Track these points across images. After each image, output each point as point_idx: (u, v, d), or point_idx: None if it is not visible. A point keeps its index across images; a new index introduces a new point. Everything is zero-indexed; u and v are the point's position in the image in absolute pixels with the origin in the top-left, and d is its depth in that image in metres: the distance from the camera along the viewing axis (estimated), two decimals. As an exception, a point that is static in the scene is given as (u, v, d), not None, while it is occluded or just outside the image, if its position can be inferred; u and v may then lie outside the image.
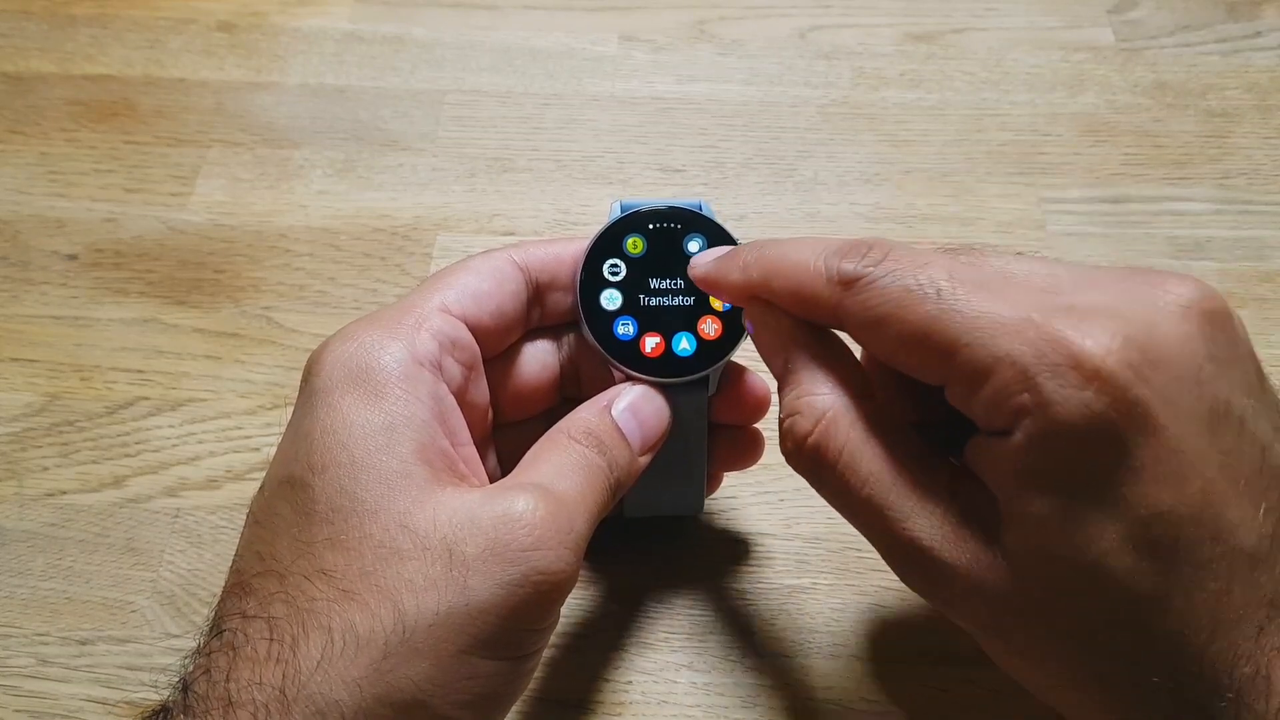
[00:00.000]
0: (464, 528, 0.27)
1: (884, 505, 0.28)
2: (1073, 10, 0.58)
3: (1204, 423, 0.25)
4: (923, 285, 0.27)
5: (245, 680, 0.25)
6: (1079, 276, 0.28)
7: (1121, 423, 0.24)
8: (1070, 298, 0.26)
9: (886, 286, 0.27)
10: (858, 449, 0.28)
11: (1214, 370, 0.25)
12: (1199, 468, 0.24)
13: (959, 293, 0.26)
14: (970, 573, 0.27)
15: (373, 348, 0.30)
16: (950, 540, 0.27)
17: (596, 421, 0.31)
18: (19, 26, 0.57)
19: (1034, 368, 0.25)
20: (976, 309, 0.26)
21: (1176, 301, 0.26)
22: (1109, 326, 0.25)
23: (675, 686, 0.37)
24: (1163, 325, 0.25)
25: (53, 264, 0.48)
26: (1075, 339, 0.24)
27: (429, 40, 0.57)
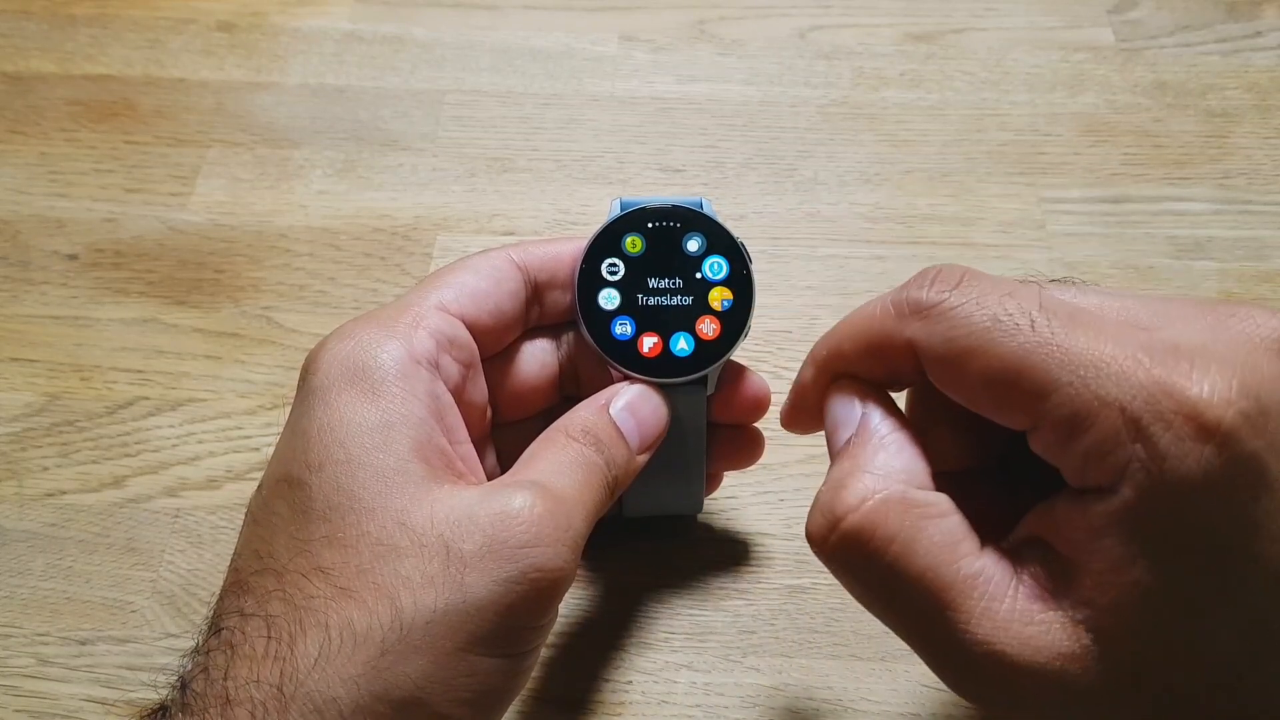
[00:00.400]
0: (461, 525, 0.27)
1: (943, 606, 0.24)
2: (1073, 10, 0.58)
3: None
4: (1012, 315, 0.24)
5: (243, 678, 0.25)
6: (1160, 310, 0.25)
7: (1240, 480, 0.22)
8: (1165, 334, 0.24)
9: (969, 315, 0.25)
10: (914, 538, 0.25)
11: None
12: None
13: (1054, 325, 0.24)
14: (1049, 669, 0.23)
15: (370, 346, 0.30)
16: (1024, 637, 0.23)
17: (594, 420, 0.31)
18: (19, 26, 0.57)
19: (1146, 417, 0.22)
20: (1077, 345, 0.23)
21: (1273, 338, 0.24)
22: (1221, 371, 0.22)
23: (675, 686, 0.37)
24: (1266, 367, 0.23)
25: (53, 264, 0.48)
26: (1190, 386, 0.22)
27: (429, 40, 0.57)
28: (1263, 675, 0.23)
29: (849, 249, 0.49)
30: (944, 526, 0.25)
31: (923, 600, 0.24)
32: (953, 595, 0.24)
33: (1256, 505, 0.22)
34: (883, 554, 0.25)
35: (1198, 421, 0.22)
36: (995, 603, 0.24)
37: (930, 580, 0.24)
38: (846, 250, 0.49)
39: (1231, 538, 0.22)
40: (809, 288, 0.48)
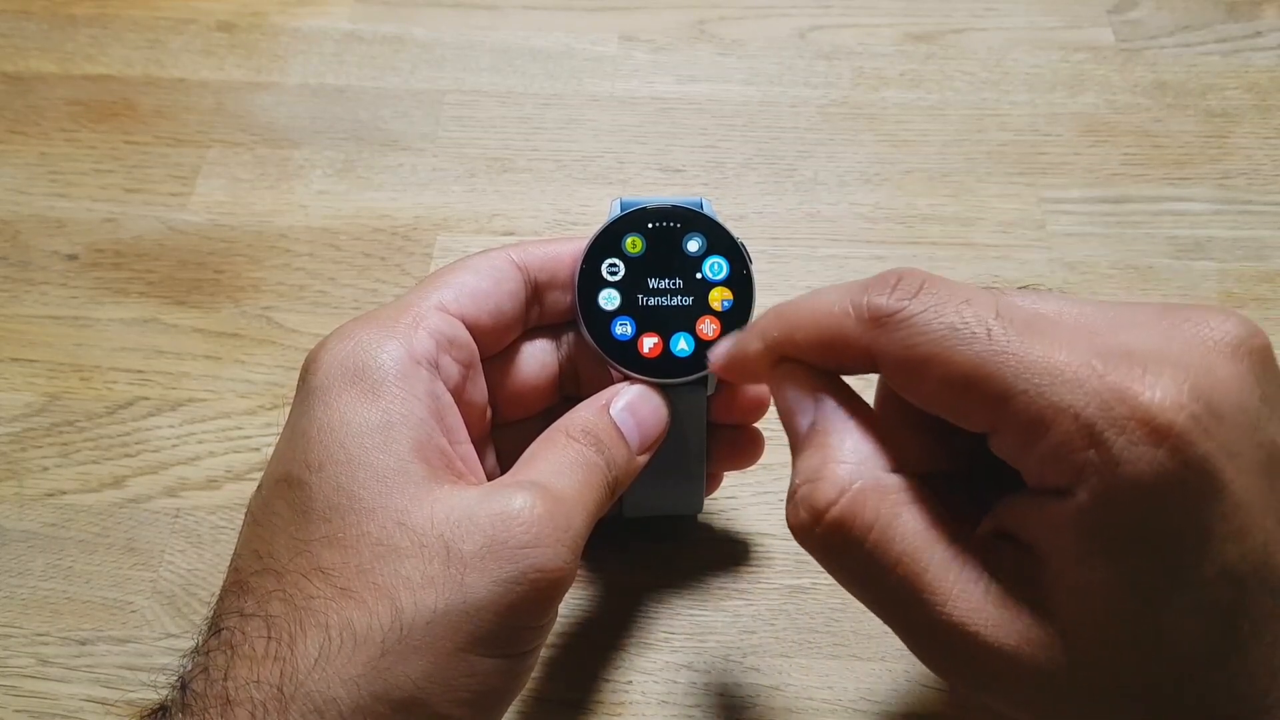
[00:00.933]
0: (461, 525, 0.27)
1: (920, 589, 0.25)
2: (1073, 10, 0.58)
3: (1263, 471, 0.23)
4: (969, 323, 0.25)
5: (243, 679, 0.25)
6: (1117, 317, 0.26)
7: (1192, 482, 0.23)
8: (1120, 339, 0.25)
9: (928, 323, 0.25)
10: (889, 525, 0.25)
11: (1267, 413, 0.24)
12: (1260, 520, 0.23)
13: (1010, 333, 0.24)
14: (1020, 652, 0.24)
15: (370, 346, 0.30)
16: (996, 621, 0.24)
17: (594, 420, 0.31)
18: (19, 26, 0.57)
19: (1100, 422, 0.23)
20: (1032, 352, 0.24)
21: (1225, 340, 0.24)
22: (1174, 376, 0.23)
23: (675, 686, 0.37)
24: (1220, 371, 0.24)
25: (53, 264, 0.48)
26: (1143, 391, 0.23)
27: (429, 40, 0.57)
28: (1225, 670, 0.24)
29: (849, 249, 0.49)
30: (919, 511, 0.26)
31: (902, 583, 0.25)
32: (929, 578, 0.25)
33: (1210, 506, 0.23)
34: (863, 541, 0.26)
35: (1150, 425, 0.22)
36: (970, 586, 0.25)
37: (908, 564, 0.25)
38: (846, 250, 0.49)
39: (1185, 537, 0.23)
40: (809, 288, 0.47)
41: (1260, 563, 0.23)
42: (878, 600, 0.27)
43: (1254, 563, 0.23)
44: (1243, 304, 0.47)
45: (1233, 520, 0.23)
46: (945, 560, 0.25)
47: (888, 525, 0.26)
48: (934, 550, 0.25)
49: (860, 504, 0.26)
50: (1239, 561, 0.23)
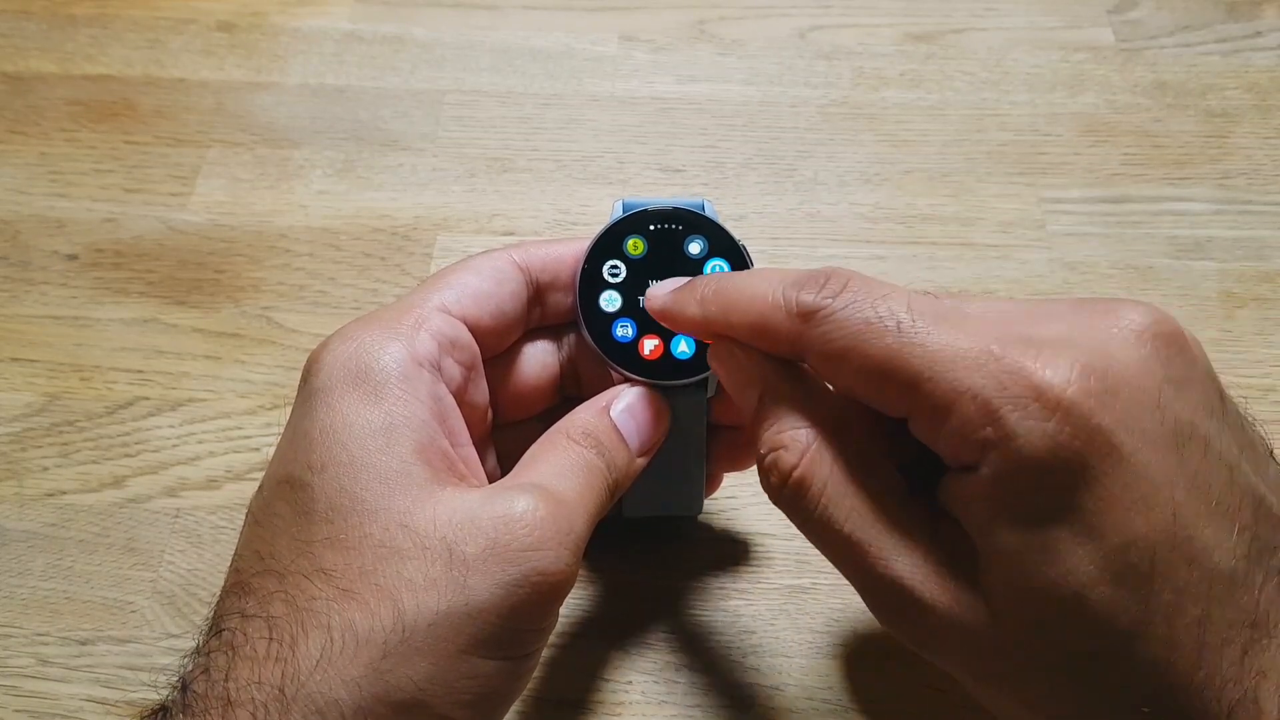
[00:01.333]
0: (464, 527, 0.27)
1: (865, 543, 0.27)
2: (1073, 10, 0.58)
3: (1169, 446, 0.25)
4: (883, 318, 0.27)
5: (244, 679, 0.25)
6: (1033, 310, 0.27)
7: (1086, 451, 0.24)
8: (1026, 329, 0.26)
9: (847, 319, 0.27)
10: (839, 485, 0.28)
11: (1173, 393, 0.25)
12: (1167, 491, 0.24)
13: (919, 325, 0.26)
14: (951, 612, 0.26)
15: (372, 347, 0.30)
16: (931, 580, 0.26)
17: (595, 422, 0.31)
18: (19, 26, 0.57)
19: (996, 400, 0.24)
20: (937, 342, 0.26)
21: (1130, 327, 0.26)
22: (1067, 356, 0.25)
23: (675, 686, 0.37)
24: (1118, 352, 0.25)
25: (53, 264, 0.48)
26: (1035, 370, 0.24)
27: (429, 40, 0.57)
28: (1147, 643, 0.24)
29: (849, 249, 0.49)
30: (871, 474, 0.28)
31: (849, 540, 0.27)
32: (874, 533, 0.27)
33: (1110, 476, 0.24)
34: (818, 499, 0.28)
35: (1041, 400, 0.24)
36: (910, 543, 0.27)
37: (855, 520, 0.27)
38: (846, 250, 0.49)
39: (1087, 506, 0.24)
40: (809, 288, 0.47)
41: (1170, 533, 0.24)
42: (832, 552, 0.28)
43: (1164, 532, 0.24)
44: (1243, 304, 0.47)
45: (1135, 489, 0.24)
46: (890, 522, 0.27)
47: (839, 485, 0.28)
48: (881, 511, 0.27)
49: (814, 466, 0.28)
50: (1148, 531, 0.24)
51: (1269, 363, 0.45)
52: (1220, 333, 0.46)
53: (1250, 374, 0.45)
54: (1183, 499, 0.24)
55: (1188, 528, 0.24)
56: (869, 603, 0.28)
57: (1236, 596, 0.24)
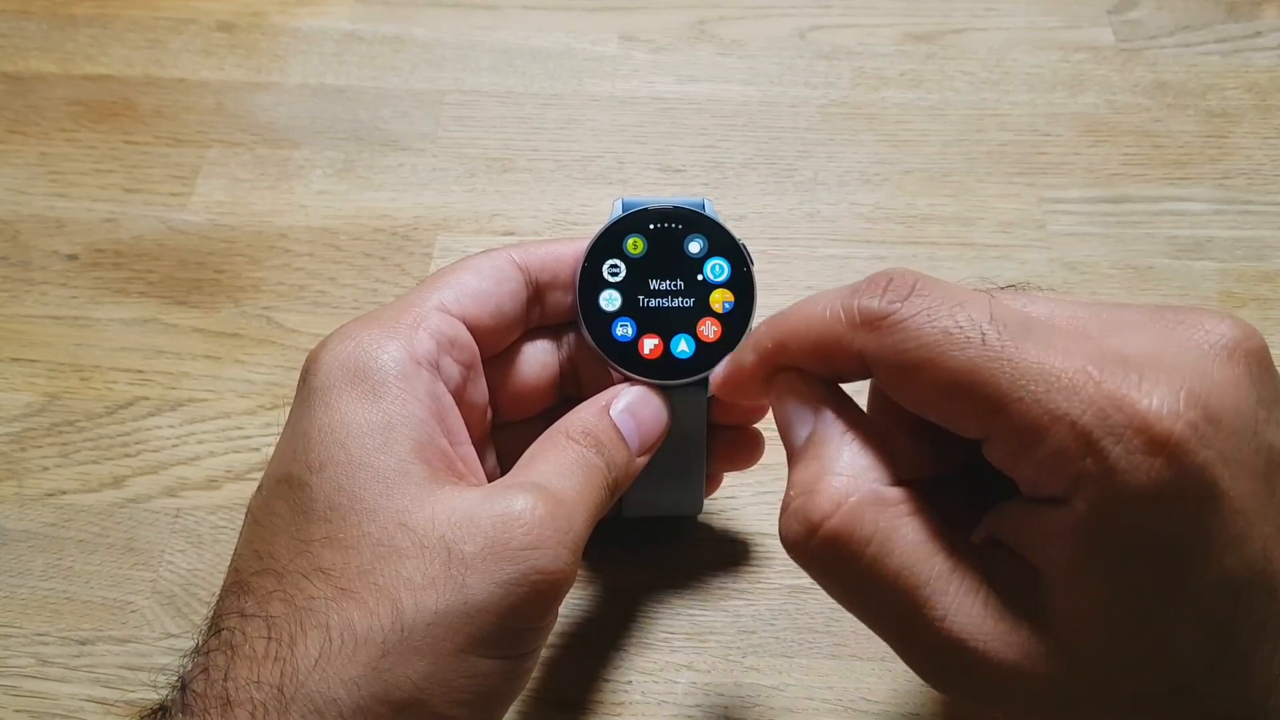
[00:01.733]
0: (462, 526, 0.27)
1: (918, 604, 0.24)
2: (1073, 10, 0.58)
3: (1262, 476, 0.23)
4: (964, 328, 0.24)
5: (243, 679, 0.25)
6: (1109, 318, 0.26)
7: (1190, 491, 0.22)
8: (1117, 344, 0.24)
9: (920, 327, 0.25)
10: (888, 539, 0.25)
11: (1265, 416, 0.24)
12: (1259, 526, 0.23)
13: (1005, 338, 0.24)
14: (1019, 664, 0.24)
15: (371, 347, 0.30)
16: (995, 634, 0.24)
17: (595, 422, 0.31)
18: (19, 26, 0.57)
19: (1097, 431, 0.22)
20: (1027, 358, 0.23)
21: (1221, 343, 0.24)
22: (1171, 382, 0.23)
23: (675, 686, 0.37)
24: (1217, 374, 0.23)
25: (53, 264, 0.48)
26: (1139, 399, 0.22)
27: (429, 40, 0.57)
28: (1226, 677, 0.23)
29: (849, 249, 0.49)
30: (916, 524, 0.25)
31: (899, 598, 0.25)
32: (928, 593, 0.24)
33: (1209, 515, 0.22)
34: (860, 556, 0.25)
35: (1147, 435, 0.22)
36: (968, 599, 0.24)
37: (906, 579, 0.25)
38: (846, 250, 0.49)
39: (1184, 548, 0.23)
40: (809, 288, 0.48)
41: (1260, 569, 0.23)
42: (874, 614, 0.26)
43: (1253, 570, 0.23)
44: (1243, 304, 0.47)
45: (1231, 528, 0.23)
46: (944, 573, 0.25)
47: (886, 539, 0.25)
48: (932, 564, 0.25)
49: (857, 518, 0.25)
50: (1238, 569, 0.23)
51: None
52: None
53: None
54: (1271, 532, 0.23)
55: (1274, 562, 0.23)
56: (920, 667, 0.26)
57: None
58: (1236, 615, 0.23)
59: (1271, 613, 0.23)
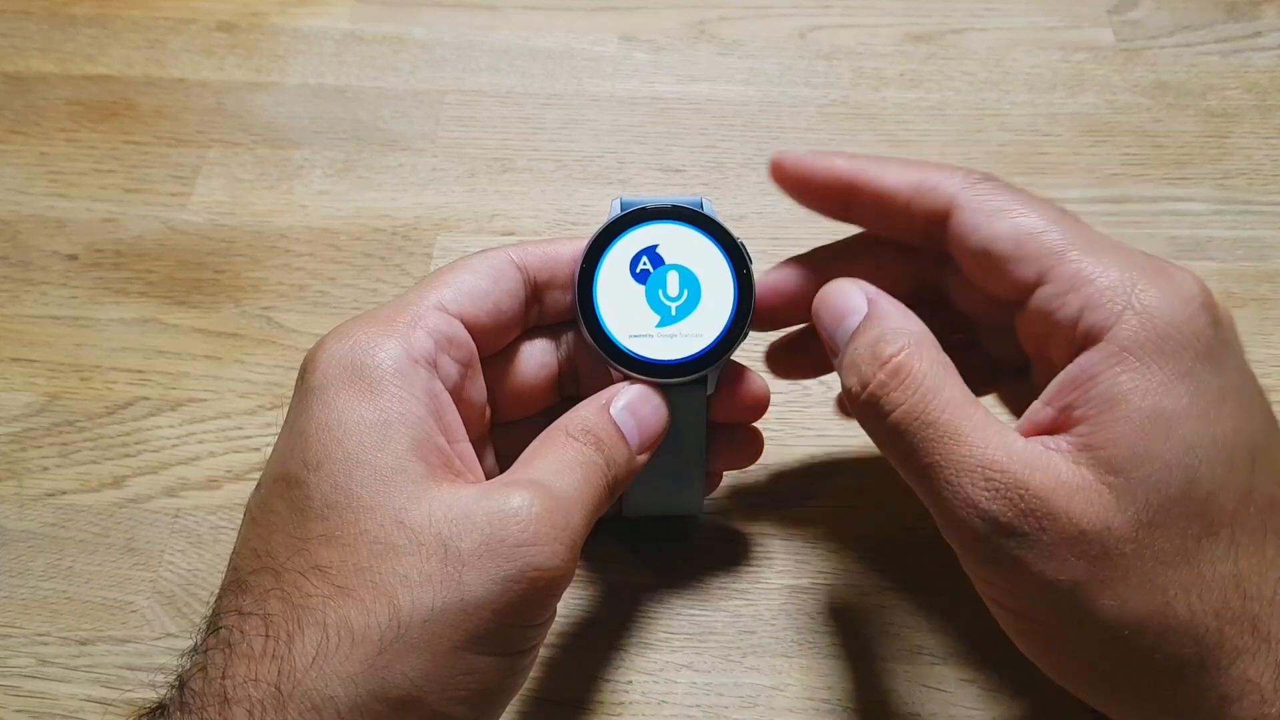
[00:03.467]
0: (459, 523, 0.27)
1: (962, 430, 0.28)
2: (1073, 10, 0.58)
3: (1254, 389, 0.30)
4: (1044, 206, 0.31)
5: (241, 677, 0.25)
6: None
7: (1213, 314, 0.28)
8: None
9: (1014, 193, 0.31)
10: (941, 373, 0.29)
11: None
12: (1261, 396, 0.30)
13: (1065, 220, 0.31)
14: (1055, 493, 0.27)
15: (368, 345, 0.30)
16: (1030, 461, 0.27)
17: (595, 420, 0.31)
18: (19, 26, 0.57)
19: (1141, 282, 0.28)
20: (1086, 236, 0.30)
21: (1193, 287, 0.29)
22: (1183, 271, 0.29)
23: (675, 686, 0.37)
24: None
25: (53, 264, 0.48)
26: (1175, 271, 0.29)
27: (429, 40, 0.57)
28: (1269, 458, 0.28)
29: (849, 249, 0.49)
30: (957, 373, 0.30)
31: (950, 428, 0.28)
32: (975, 424, 0.28)
33: (1231, 338, 0.29)
34: (918, 385, 0.29)
35: (1182, 291, 0.28)
36: (1008, 435, 0.28)
37: (955, 409, 0.29)
38: (846, 250, 0.49)
39: (1218, 354, 0.28)
40: (809, 288, 0.47)
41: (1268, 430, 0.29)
42: (925, 440, 0.29)
43: (1264, 429, 0.29)
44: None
45: (1242, 383, 0.29)
46: (984, 414, 0.29)
47: (940, 373, 0.29)
48: (974, 405, 0.29)
49: (918, 353, 0.30)
50: (1262, 420, 0.29)
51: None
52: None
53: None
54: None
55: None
56: (960, 507, 0.28)
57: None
58: (1257, 460, 0.28)
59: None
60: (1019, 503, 0.27)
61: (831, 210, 0.35)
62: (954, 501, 0.28)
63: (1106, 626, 0.27)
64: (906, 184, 0.33)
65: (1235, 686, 0.27)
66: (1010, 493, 0.27)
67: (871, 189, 0.33)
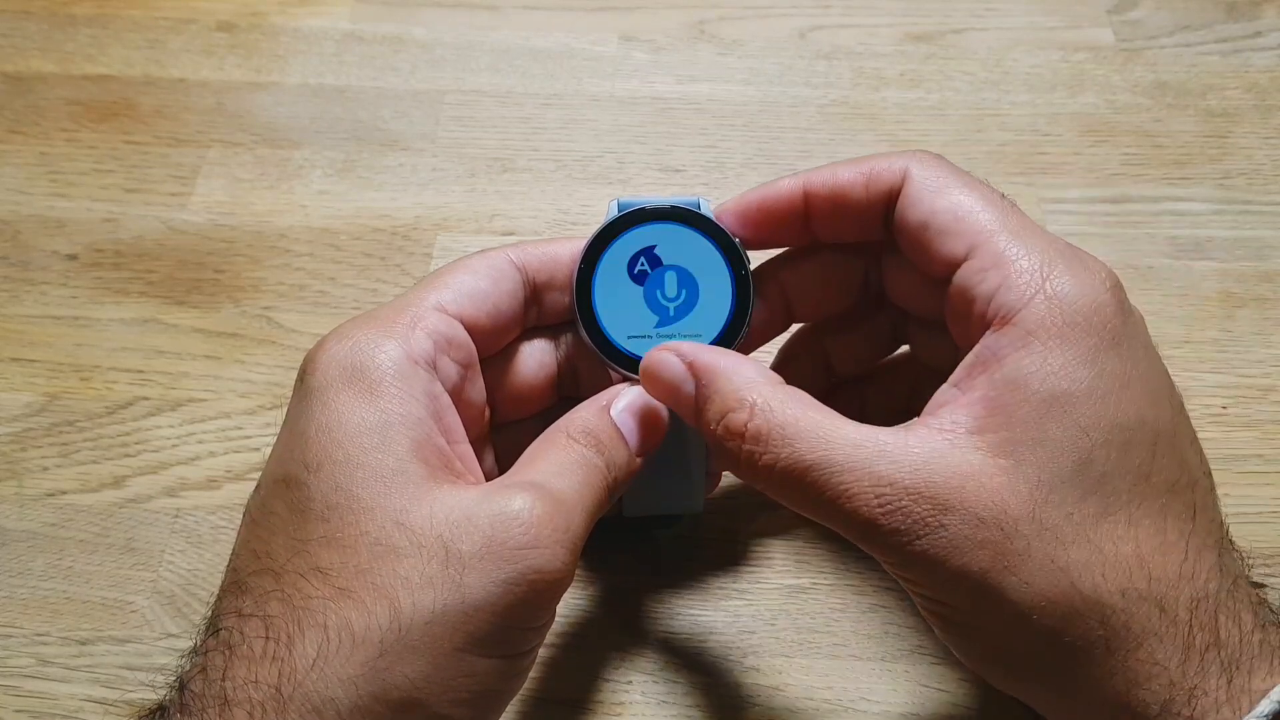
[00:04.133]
0: (460, 526, 0.27)
1: (836, 460, 0.28)
2: (1073, 10, 0.58)
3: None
4: (981, 187, 0.33)
5: (241, 679, 0.25)
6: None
7: (1122, 304, 0.29)
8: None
9: (953, 170, 0.34)
10: (796, 412, 0.29)
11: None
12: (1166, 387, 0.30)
13: (1005, 209, 0.32)
14: (948, 484, 0.27)
15: (368, 346, 0.30)
16: (916, 462, 0.28)
17: (595, 421, 0.31)
18: (19, 26, 0.57)
19: (1058, 267, 0.29)
20: (1014, 223, 0.31)
21: (1104, 276, 0.30)
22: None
23: (675, 686, 0.37)
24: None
25: (53, 264, 0.48)
26: (1087, 258, 0.30)
27: (429, 40, 0.57)
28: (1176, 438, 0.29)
29: (849, 249, 0.49)
30: (809, 398, 0.30)
31: (825, 463, 0.28)
32: (849, 446, 0.28)
33: (1137, 324, 0.30)
34: (781, 438, 0.29)
35: (1094, 279, 0.29)
36: (888, 441, 0.28)
37: (824, 442, 0.28)
38: (846, 250, 0.49)
39: (1124, 339, 0.29)
40: (809, 288, 0.47)
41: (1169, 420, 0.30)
42: (807, 489, 0.29)
43: (1166, 421, 0.29)
44: (1243, 304, 0.47)
45: (1147, 342, 0.30)
46: (855, 429, 0.29)
47: (796, 414, 0.29)
48: (841, 423, 0.29)
49: (766, 406, 0.29)
50: (1154, 412, 0.29)
51: (1269, 363, 0.45)
52: (1220, 333, 0.46)
53: (1250, 374, 0.45)
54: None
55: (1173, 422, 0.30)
56: (876, 519, 0.28)
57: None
58: (1157, 449, 0.29)
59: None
60: (912, 508, 0.27)
61: (793, 232, 0.35)
62: (856, 524, 0.28)
63: (1015, 610, 0.27)
64: (859, 173, 0.34)
65: (1143, 669, 0.27)
66: (902, 501, 0.27)
67: (828, 189, 0.34)
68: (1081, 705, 0.28)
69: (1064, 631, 0.27)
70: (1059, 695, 0.29)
